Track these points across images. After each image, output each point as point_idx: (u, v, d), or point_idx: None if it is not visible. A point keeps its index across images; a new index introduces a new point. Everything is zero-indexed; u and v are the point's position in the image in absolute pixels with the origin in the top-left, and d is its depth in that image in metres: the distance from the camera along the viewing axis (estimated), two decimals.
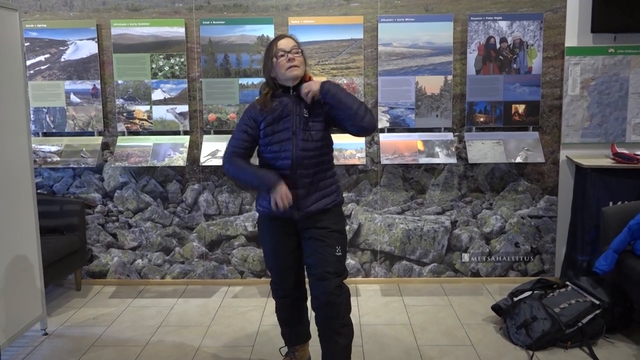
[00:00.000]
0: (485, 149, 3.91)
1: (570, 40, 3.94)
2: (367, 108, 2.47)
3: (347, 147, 3.90)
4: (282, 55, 2.47)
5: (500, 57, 3.92)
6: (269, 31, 3.94)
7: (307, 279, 2.70)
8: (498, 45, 3.91)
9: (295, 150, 2.48)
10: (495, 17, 3.89)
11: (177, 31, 3.95)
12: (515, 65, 3.91)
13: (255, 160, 2.64)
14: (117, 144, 3.99)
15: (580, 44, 3.94)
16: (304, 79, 2.56)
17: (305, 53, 2.59)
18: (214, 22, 3.95)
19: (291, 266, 2.69)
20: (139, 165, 3.92)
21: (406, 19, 3.91)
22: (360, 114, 2.42)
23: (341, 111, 2.43)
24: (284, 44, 2.51)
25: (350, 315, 2.63)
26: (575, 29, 3.93)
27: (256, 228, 2.76)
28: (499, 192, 4.09)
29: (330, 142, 2.62)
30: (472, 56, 3.93)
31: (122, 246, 4.20)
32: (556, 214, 4.09)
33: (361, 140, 3.92)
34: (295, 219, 2.56)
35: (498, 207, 4.10)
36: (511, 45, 3.90)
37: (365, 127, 2.44)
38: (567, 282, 3.40)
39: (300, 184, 2.50)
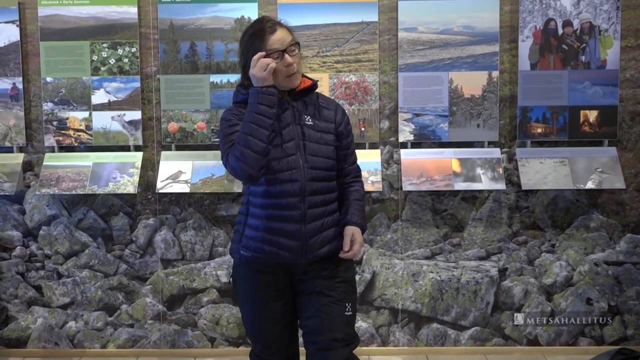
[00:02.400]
0: (545, 171, 3.81)
1: None
2: None
3: None
4: (277, 57, 2.38)
5: (564, 46, 3.82)
6: (250, 12, 3.83)
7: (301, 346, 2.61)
8: (560, 31, 3.82)
9: (304, 170, 2.42)
10: None
11: (126, 11, 3.85)
12: (583, 58, 3.83)
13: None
14: (44, 163, 3.88)
15: None
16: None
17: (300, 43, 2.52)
18: None
19: (283, 334, 2.59)
20: (74, 192, 3.81)
21: None
22: None
23: None
24: (279, 39, 2.39)
25: None
26: None
27: (231, 281, 2.56)
28: (564, 229, 3.97)
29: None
30: (525, 45, 3.84)
31: (49, 303, 4.02)
32: None
33: (376, 158, 3.82)
34: (295, 266, 2.48)
35: (563, 249, 3.95)
36: (578, 31, 3.81)
37: None
38: None
39: (309, 217, 2.45)
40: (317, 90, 2.58)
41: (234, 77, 3.80)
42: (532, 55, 3.79)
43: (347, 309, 2.50)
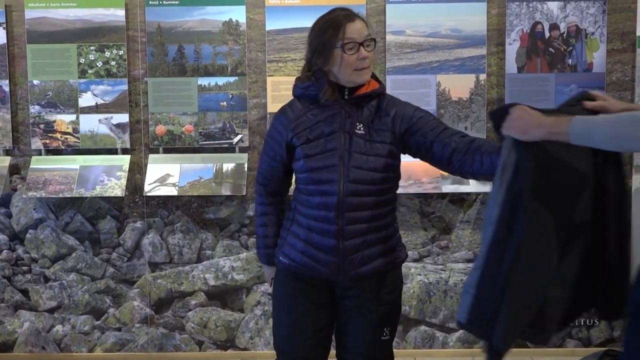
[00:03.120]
0: None
1: None
2: None
3: None
4: (352, 49, 2.22)
5: (551, 49, 3.82)
6: (238, 14, 3.82)
7: None
8: (547, 34, 3.82)
9: (343, 183, 2.24)
10: None
11: (114, 14, 3.84)
12: (570, 61, 3.83)
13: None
14: (31, 166, 3.86)
15: None
16: None
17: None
18: (164, 2, 3.84)
19: (314, 351, 2.43)
20: (61, 195, 3.80)
21: None
22: None
23: None
24: (357, 30, 2.24)
25: None
26: None
27: (271, 285, 2.57)
28: None
29: (397, 175, 2.38)
30: (512, 48, 3.84)
31: (36, 307, 4.00)
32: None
33: None
34: (336, 281, 2.35)
35: None
36: (565, 34, 3.82)
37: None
38: None
39: (348, 233, 2.27)
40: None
41: (222, 80, 3.80)
42: (519, 59, 3.80)
43: (384, 334, 2.37)
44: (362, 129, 2.26)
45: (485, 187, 3.67)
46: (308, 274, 2.32)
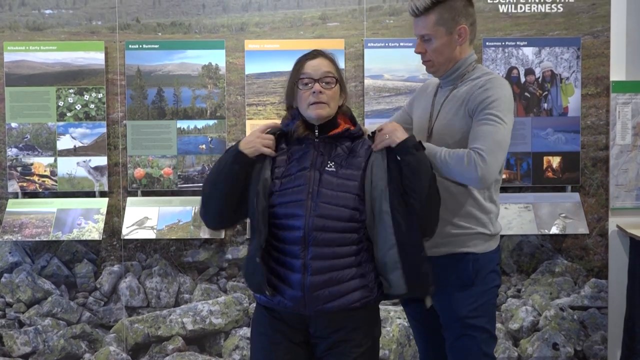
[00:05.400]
0: (509, 217, 3.82)
1: (617, 73, 3.93)
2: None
3: None
4: (307, 84, 2.29)
5: (526, 94, 3.88)
6: (218, 58, 3.88)
7: None
8: (523, 79, 3.88)
9: (310, 218, 2.24)
10: (518, 43, 3.87)
11: (93, 57, 3.87)
12: (546, 105, 3.88)
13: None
14: (7, 209, 3.86)
15: (630, 78, 3.92)
16: (336, 119, 2.36)
17: (345, 81, 2.41)
18: (144, 45, 3.88)
19: None
20: (37, 239, 3.78)
21: (401, 44, 3.87)
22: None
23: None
24: (313, 66, 2.31)
25: None
26: (623, 57, 3.93)
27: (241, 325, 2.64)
28: (529, 274, 3.98)
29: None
30: None
31: (10, 353, 3.94)
32: (607, 304, 3.97)
33: None
34: (305, 316, 2.28)
35: (528, 294, 3.96)
36: (540, 79, 3.88)
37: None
38: None
39: (313, 269, 2.24)
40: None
41: (202, 123, 3.83)
42: None
43: None
44: (333, 166, 2.28)
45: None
46: (278, 309, 2.30)
